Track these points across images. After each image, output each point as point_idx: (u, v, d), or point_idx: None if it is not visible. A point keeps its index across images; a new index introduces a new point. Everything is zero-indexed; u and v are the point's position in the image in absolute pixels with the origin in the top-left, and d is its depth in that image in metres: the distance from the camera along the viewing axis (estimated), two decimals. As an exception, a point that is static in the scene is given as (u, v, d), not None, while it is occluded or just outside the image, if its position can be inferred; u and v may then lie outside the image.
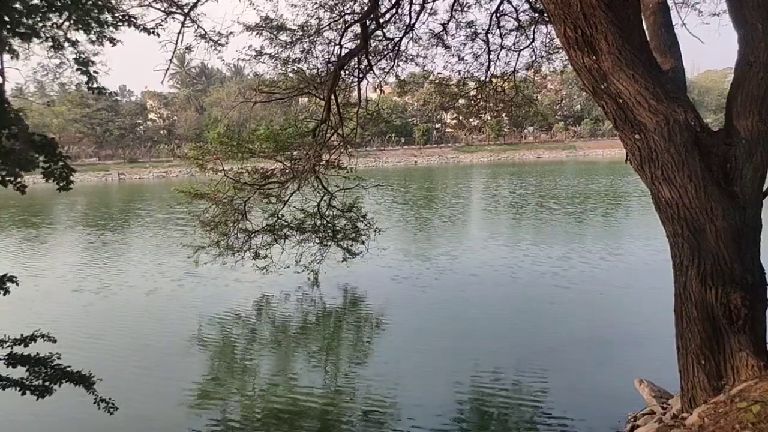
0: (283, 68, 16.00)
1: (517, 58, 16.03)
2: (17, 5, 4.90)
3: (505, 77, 16.82)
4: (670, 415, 7.71)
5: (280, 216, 18.54)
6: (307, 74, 16.11)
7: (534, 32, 15.37)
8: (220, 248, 18.06)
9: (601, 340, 13.49)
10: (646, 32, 7.21)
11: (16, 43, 4.98)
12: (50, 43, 5.50)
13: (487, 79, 16.53)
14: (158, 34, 6.94)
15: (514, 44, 15.82)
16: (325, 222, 18.90)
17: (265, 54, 15.31)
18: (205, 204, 17.83)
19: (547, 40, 15.68)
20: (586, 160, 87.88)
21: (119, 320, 16.52)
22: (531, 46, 15.64)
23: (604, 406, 10.24)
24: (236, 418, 10.73)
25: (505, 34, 15.58)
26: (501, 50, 15.91)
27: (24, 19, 4.84)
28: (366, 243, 19.37)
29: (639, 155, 6.53)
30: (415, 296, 17.89)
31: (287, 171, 17.59)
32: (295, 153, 17.67)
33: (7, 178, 4.98)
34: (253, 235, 18.44)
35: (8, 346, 6.53)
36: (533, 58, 16.16)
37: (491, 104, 18.54)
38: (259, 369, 13.18)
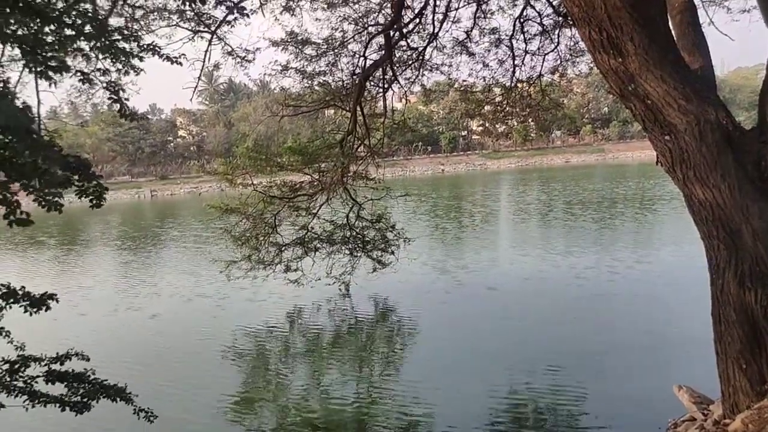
0: (309, 82, 16.16)
1: (542, 62, 15.93)
2: (49, 37, 5.04)
3: (531, 82, 16.72)
4: (712, 422, 7.52)
5: (309, 228, 18.63)
6: (332, 87, 16.23)
7: (558, 36, 15.27)
8: (251, 262, 18.21)
9: (637, 346, 13.24)
10: (673, 32, 7.10)
11: (49, 73, 5.12)
12: (80, 77, 5.64)
13: (513, 85, 16.45)
14: (180, 63, 7.05)
15: (538, 49, 15.72)
16: (354, 233, 18.94)
17: (291, 68, 15.49)
18: (236, 218, 18.01)
19: (572, 44, 15.55)
20: (616, 163, 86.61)
21: (154, 334, 16.78)
22: (556, 49, 15.54)
23: (643, 412, 10.04)
24: (271, 428, 10.79)
25: (529, 39, 15.50)
26: (526, 55, 15.83)
27: (55, 53, 4.99)
28: (396, 253, 19.34)
29: (670, 157, 6.42)
30: (446, 305, 17.81)
31: (316, 183, 17.71)
32: (322, 165, 17.77)
33: (48, 199, 5.10)
34: (283, 248, 18.56)
35: (45, 364, 6.67)
36: (558, 62, 16.05)
37: (517, 109, 18.43)
38: (292, 380, 13.25)
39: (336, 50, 15.52)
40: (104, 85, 5.54)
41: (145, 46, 6.07)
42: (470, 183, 70.51)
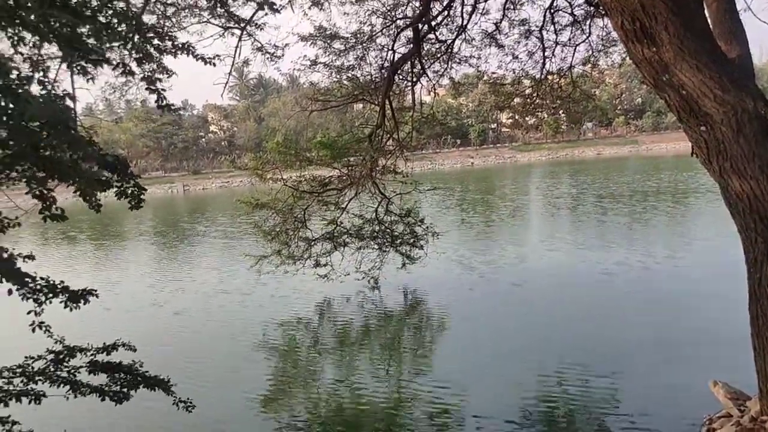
0: (338, 76, 16.20)
1: (573, 53, 15.71)
2: (85, 35, 5.15)
3: (562, 73, 16.51)
4: (749, 418, 7.38)
5: (339, 223, 18.72)
6: (361, 81, 16.25)
7: (590, 26, 15.04)
8: (281, 257, 18.37)
9: (671, 341, 13.02)
10: (709, 19, 6.95)
11: (88, 67, 5.24)
12: (120, 69, 5.74)
13: (543, 77, 16.26)
14: (214, 64, 7.12)
15: (569, 40, 15.51)
16: (383, 227, 18.96)
17: (320, 63, 15.56)
18: (266, 213, 18.18)
19: (604, 34, 15.31)
20: (650, 155, 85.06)
21: (186, 327, 17.06)
22: (587, 40, 15.31)
23: (678, 408, 9.89)
24: (302, 420, 10.90)
25: (559, 30, 15.30)
26: (556, 46, 15.63)
27: (94, 45, 5.09)
28: (425, 247, 19.30)
29: (706, 148, 6.29)
30: (475, 299, 17.75)
31: (345, 178, 17.78)
32: (351, 159, 17.83)
33: (87, 197, 5.23)
34: (313, 242, 18.68)
35: (91, 354, 6.85)
36: (590, 53, 15.81)
37: (548, 101, 18.22)
38: (322, 373, 13.35)
39: (364, 44, 15.52)
40: (143, 76, 5.64)
41: (179, 45, 6.15)
42: (500, 176, 70.01)
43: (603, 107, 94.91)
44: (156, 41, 5.89)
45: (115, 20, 5.64)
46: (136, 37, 5.63)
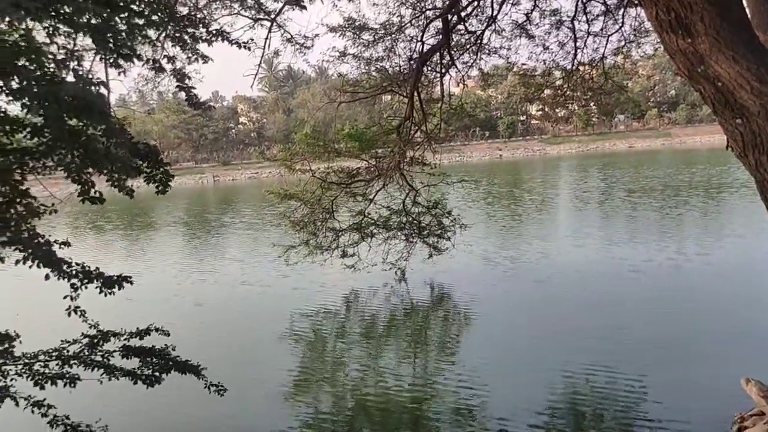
0: (366, 67, 16.19)
1: (606, 44, 15.43)
2: (120, 25, 5.25)
3: (593, 64, 16.23)
4: (782, 417, 7.24)
5: (366, 214, 18.78)
6: (389, 72, 16.22)
7: (623, 16, 14.75)
8: (309, 247, 18.51)
9: (702, 338, 12.82)
10: (747, 9, 6.77)
11: (119, 61, 5.34)
12: (150, 65, 5.84)
13: (574, 68, 16.01)
14: (249, 48, 7.20)
15: (601, 30, 15.23)
16: (410, 219, 18.97)
17: (349, 54, 15.55)
18: (295, 204, 18.32)
19: (637, 24, 14.99)
20: (683, 148, 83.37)
21: (216, 315, 17.32)
22: (620, 30, 15.01)
23: (708, 406, 9.74)
24: (327, 409, 11.01)
25: (591, 20, 15.04)
26: (588, 37, 15.37)
27: (125, 41, 5.19)
28: (452, 239, 19.27)
29: (741, 141, 6.14)
30: (501, 294, 17.67)
31: (372, 169, 17.81)
32: (379, 151, 17.86)
33: (120, 184, 5.35)
34: (340, 233, 18.80)
35: (125, 339, 7.02)
36: (622, 43, 15.50)
37: (579, 93, 17.95)
38: (348, 362, 13.44)
39: (393, 35, 15.48)
40: (171, 73, 5.73)
41: (214, 32, 6.22)
42: (528, 169, 69.37)
43: (635, 99, 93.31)
44: (190, 29, 5.97)
45: (148, 10, 5.72)
46: (170, 24, 5.71)
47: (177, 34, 5.83)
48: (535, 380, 11.32)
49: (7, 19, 4.24)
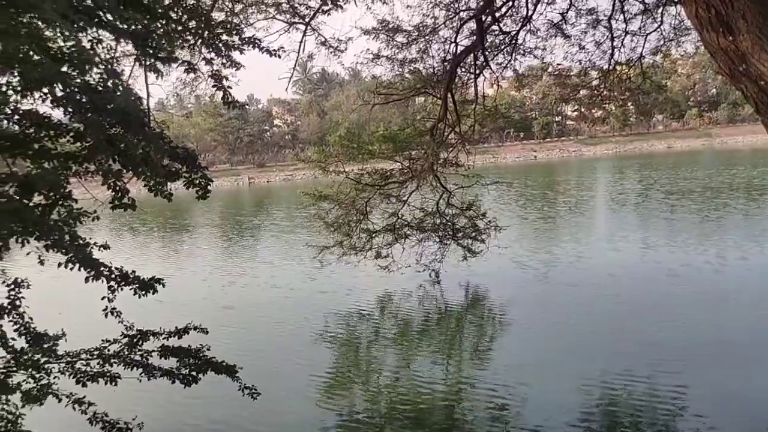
0: (400, 69, 16.21)
1: (644, 43, 15.14)
2: (159, 31, 5.37)
3: (631, 64, 15.94)
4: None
5: (400, 215, 18.80)
6: (423, 74, 16.21)
7: (661, 14, 14.45)
8: (343, 248, 18.61)
9: (743, 341, 12.47)
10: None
11: (158, 65, 5.46)
12: (185, 66, 5.95)
13: (611, 67, 15.75)
14: (279, 56, 7.29)
15: (639, 29, 14.95)
16: (444, 221, 18.92)
17: (382, 56, 15.60)
18: (329, 205, 18.45)
19: (677, 22, 14.68)
20: (725, 149, 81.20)
21: (251, 316, 17.50)
22: (659, 29, 14.71)
23: (749, 411, 9.50)
24: (362, 410, 11.04)
25: (629, 19, 14.77)
26: (625, 36, 15.11)
27: (164, 46, 5.31)
28: (486, 241, 19.14)
29: (786, 141, 5.97)
30: (537, 295, 17.48)
31: (406, 171, 17.82)
32: (413, 153, 17.85)
33: (158, 188, 5.47)
34: (374, 234, 18.85)
35: (163, 338, 7.15)
36: (661, 42, 15.20)
37: (616, 93, 17.66)
38: (382, 364, 13.47)
39: (427, 37, 15.46)
40: (209, 74, 5.84)
41: (246, 39, 6.32)
42: (563, 170, 68.48)
43: (675, 99, 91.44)
44: (224, 36, 6.08)
45: (186, 17, 5.84)
46: (206, 32, 5.82)
47: (212, 41, 5.95)
48: (570, 384, 11.16)
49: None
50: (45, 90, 4.68)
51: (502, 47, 15.82)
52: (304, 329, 15.87)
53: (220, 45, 5.96)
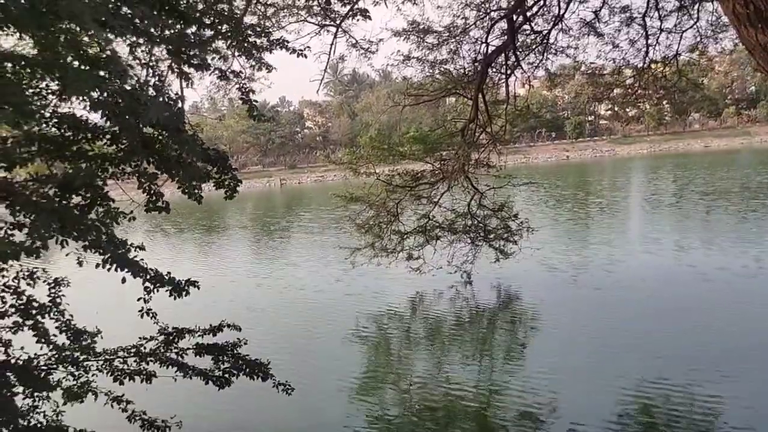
0: (431, 70, 16.18)
1: (680, 40, 14.83)
2: (191, 38, 5.48)
3: (666, 62, 15.64)
4: None
5: (431, 217, 18.75)
6: (454, 74, 16.16)
7: (698, 11, 14.15)
8: (374, 250, 18.63)
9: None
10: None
11: (191, 72, 5.59)
12: (217, 74, 6.06)
13: (646, 66, 15.47)
14: (305, 56, 7.40)
15: (675, 26, 14.65)
16: (476, 222, 18.81)
17: (413, 57, 15.61)
18: (360, 207, 18.49)
19: (714, 18, 14.34)
20: (764, 148, 78.89)
21: (282, 316, 17.65)
22: (695, 26, 14.40)
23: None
24: (393, 410, 11.06)
25: (664, 16, 14.49)
26: (660, 33, 14.82)
27: (197, 52, 5.42)
28: (519, 243, 18.97)
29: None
30: (570, 297, 17.26)
31: (437, 172, 17.77)
32: (444, 153, 17.80)
33: (190, 190, 5.58)
34: (405, 236, 18.83)
35: (198, 336, 7.27)
36: (698, 39, 14.86)
37: (650, 92, 17.36)
38: (413, 364, 13.45)
39: (457, 37, 15.42)
40: (237, 86, 5.94)
41: (274, 41, 6.42)
42: (596, 170, 67.44)
43: (712, 97, 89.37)
44: (253, 38, 6.17)
45: (219, 21, 5.94)
46: (237, 36, 5.92)
47: (242, 44, 6.06)
48: (604, 388, 11.01)
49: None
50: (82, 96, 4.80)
51: (534, 47, 15.68)
52: (335, 330, 15.94)
53: (250, 47, 6.06)
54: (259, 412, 11.03)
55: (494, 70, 15.92)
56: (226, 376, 7.09)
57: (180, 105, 5.72)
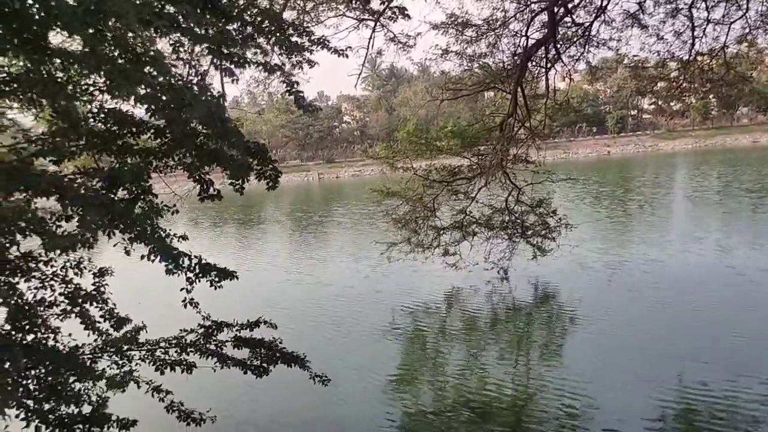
0: (469, 64, 16.09)
1: (727, 31, 14.40)
2: (234, 34, 5.57)
3: (713, 54, 15.20)
4: None
5: (468, 212, 18.65)
6: (492, 68, 16.03)
7: (747, 1, 13.73)
8: (410, 245, 18.63)
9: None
10: None
11: (232, 69, 5.68)
12: (260, 69, 6.15)
13: (692, 58, 15.08)
14: (347, 56, 7.43)
15: (723, 17, 14.24)
16: (513, 218, 18.64)
17: (451, 51, 15.54)
18: (396, 202, 18.49)
19: (763, 8, 13.89)
20: (817, 143, 76.09)
21: (319, 309, 17.80)
22: (744, 17, 13.98)
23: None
24: (428, 405, 11.07)
25: (712, 7, 14.09)
26: (707, 25, 14.42)
27: (238, 50, 5.52)
28: (557, 239, 18.72)
29: None
30: (610, 295, 16.96)
31: (474, 167, 17.67)
32: (482, 148, 17.67)
33: (235, 182, 5.71)
34: (442, 231, 18.77)
35: (236, 330, 7.42)
36: (746, 30, 14.41)
37: (696, 85, 16.91)
38: (449, 360, 13.43)
39: (497, 31, 15.29)
40: (282, 80, 6.02)
41: (315, 40, 6.47)
42: (638, 166, 65.96)
43: (761, 90, 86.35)
44: (295, 37, 6.24)
45: (259, 18, 6.01)
46: (278, 34, 5.99)
47: (283, 42, 6.13)
48: (643, 386, 10.82)
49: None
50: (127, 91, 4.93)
51: (575, 39, 15.45)
52: (371, 324, 16.01)
53: (291, 45, 6.13)
54: (294, 406, 11.17)
55: (534, 63, 15.75)
56: (264, 365, 7.22)
57: (223, 100, 5.83)
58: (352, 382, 12.19)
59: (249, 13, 5.96)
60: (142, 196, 5.73)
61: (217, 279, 6.39)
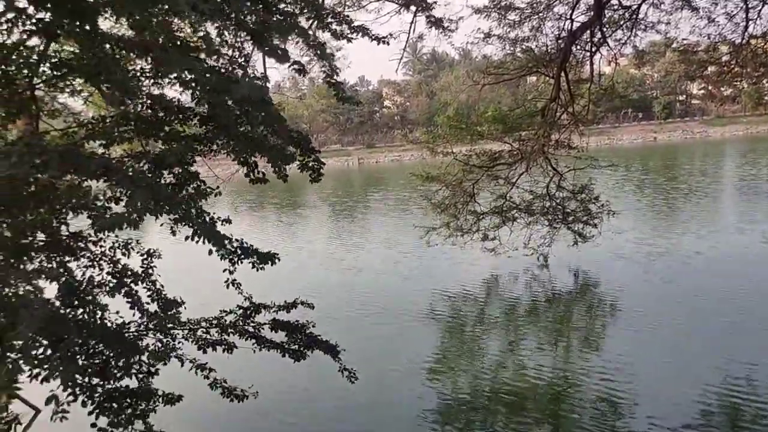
0: (512, 48, 15.89)
1: (784, 14, 13.86)
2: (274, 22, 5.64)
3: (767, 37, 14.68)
4: None
5: (508, 198, 18.49)
6: (535, 52, 15.78)
7: (806, -19, 13.17)
8: (450, 230, 18.59)
9: None
10: None
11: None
12: (304, 53, 6.20)
13: (744, 41, 14.57)
14: (388, 43, 7.40)
15: (779, -2, 13.72)
16: (554, 204, 18.40)
17: (494, 35, 15.35)
18: (436, 186, 18.46)
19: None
20: None
21: (358, 294, 17.97)
22: (802, -2, 13.43)
23: None
24: (465, 392, 11.09)
25: (767, -12, 13.59)
26: (763, 6, 13.91)
27: (279, 38, 5.58)
28: (599, 226, 18.42)
29: None
30: (653, 285, 16.62)
31: (515, 152, 17.49)
32: (523, 134, 17.46)
33: (277, 168, 5.82)
34: (481, 216, 18.68)
35: (273, 311, 7.56)
36: (805, 12, 13.85)
37: (749, 69, 16.35)
38: (487, 347, 13.42)
39: (540, 14, 15.04)
40: (321, 70, 6.07)
41: (355, 28, 6.48)
42: (686, 153, 64.01)
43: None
44: (335, 26, 6.27)
45: (299, 8, 6.06)
46: (317, 22, 6.03)
47: (325, 29, 6.18)
48: (684, 379, 10.62)
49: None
50: (174, 75, 5.05)
51: (622, 22, 15.08)
52: (407, 310, 16.07)
53: (330, 34, 6.17)
54: (329, 386, 11.29)
55: (578, 47, 15.46)
56: (302, 350, 7.35)
57: (265, 82, 5.91)
58: (389, 366, 12.29)
59: (288, 3, 6.01)
60: (188, 182, 5.88)
61: (258, 261, 6.49)
